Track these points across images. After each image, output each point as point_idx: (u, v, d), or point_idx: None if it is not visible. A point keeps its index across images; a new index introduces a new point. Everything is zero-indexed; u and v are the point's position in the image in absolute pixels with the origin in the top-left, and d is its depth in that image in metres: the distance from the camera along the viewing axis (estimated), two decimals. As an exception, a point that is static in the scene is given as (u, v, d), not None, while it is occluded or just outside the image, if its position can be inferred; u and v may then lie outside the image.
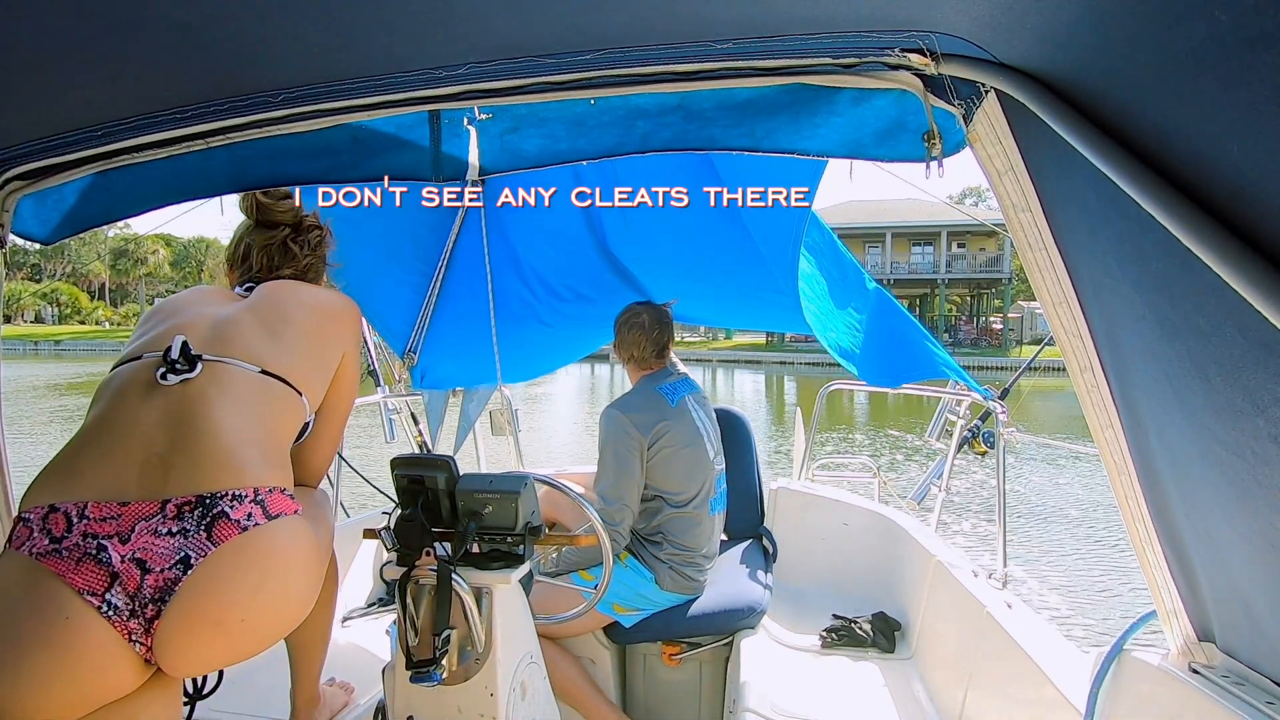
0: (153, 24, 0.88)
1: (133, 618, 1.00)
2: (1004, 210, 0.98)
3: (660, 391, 2.18)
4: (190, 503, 1.04)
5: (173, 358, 1.15)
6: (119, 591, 1.00)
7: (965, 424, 2.75)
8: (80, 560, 0.99)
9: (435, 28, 0.93)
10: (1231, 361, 0.65)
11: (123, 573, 1.00)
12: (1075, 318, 0.96)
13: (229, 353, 1.21)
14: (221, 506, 1.05)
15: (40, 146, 1.25)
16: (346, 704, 1.72)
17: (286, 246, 1.51)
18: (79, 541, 1.00)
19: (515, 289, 2.91)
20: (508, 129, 1.23)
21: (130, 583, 1.00)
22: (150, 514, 1.03)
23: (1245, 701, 0.93)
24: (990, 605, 1.75)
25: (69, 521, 1.01)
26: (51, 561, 0.98)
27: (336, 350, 1.39)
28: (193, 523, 1.04)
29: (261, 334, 1.27)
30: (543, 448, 10.90)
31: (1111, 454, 1.03)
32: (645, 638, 2.17)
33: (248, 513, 1.07)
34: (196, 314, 1.28)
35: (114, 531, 1.01)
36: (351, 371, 1.45)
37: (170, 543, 1.02)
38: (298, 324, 1.33)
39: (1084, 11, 0.65)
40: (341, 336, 1.41)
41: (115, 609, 0.99)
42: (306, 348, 1.32)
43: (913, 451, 10.60)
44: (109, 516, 1.02)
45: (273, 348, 1.26)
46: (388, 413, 2.97)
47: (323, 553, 1.28)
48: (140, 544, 1.01)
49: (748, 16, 0.91)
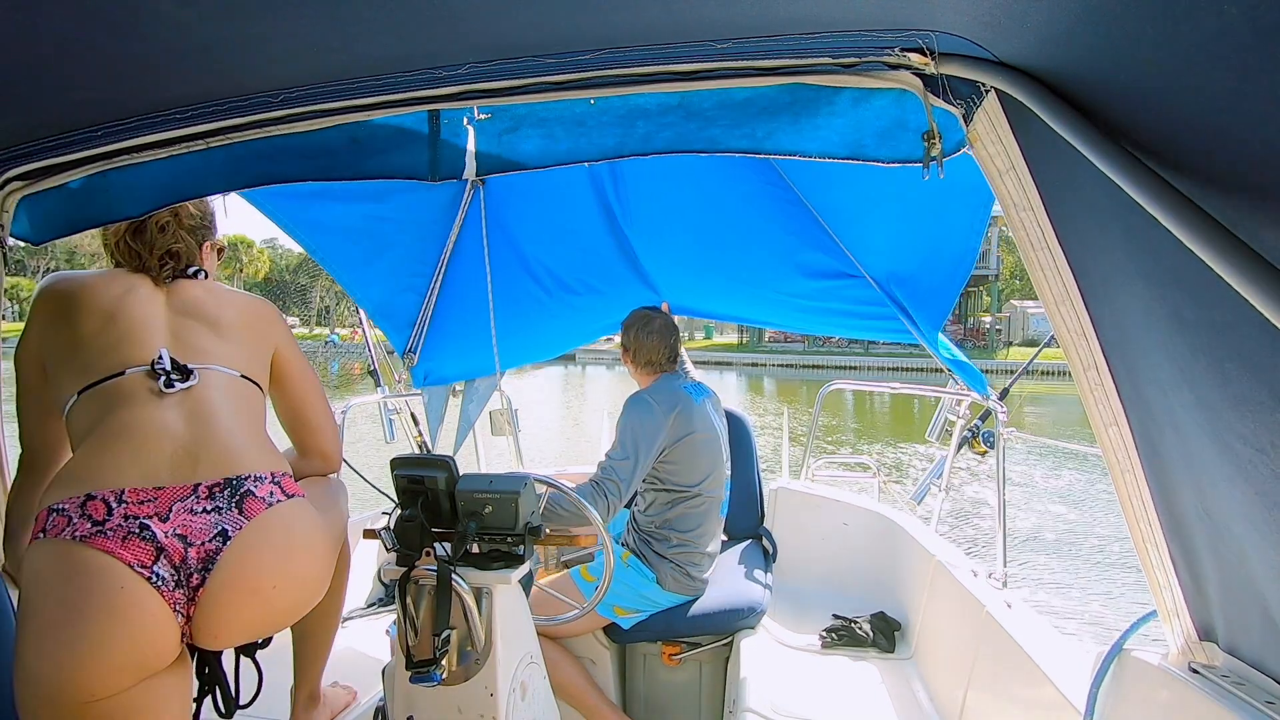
0: (152, 24, 0.88)
1: (178, 588, 1.09)
2: (1005, 210, 0.97)
3: (684, 389, 2.21)
4: (220, 484, 1.15)
5: (166, 369, 1.24)
6: (165, 564, 1.08)
7: (965, 424, 2.75)
8: (126, 537, 1.06)
9: (435, 28, 0.93)
10: (1250, 355, 0.65)
11: (168, 546, 1.09)
12: (1079, 316, 0.96)
13: (206, 360, 1.30)
14: (248, 486, 1.17)
15: (40, 147, 1.25)
16: (348, 703, 1.72)
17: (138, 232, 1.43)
18: (121, 523, 1.07)
19: (524, 285, 2.92)
20: (507, 129, 1.22)
21: (175, 555, 1.09)
22: (184, 495, 1.13)
23: (1245, 701, 0.93)
24: (990, 605, 1.75)
25: (108, 506, 1.08)
26: (98, 541, 1.05)
27: (269, 346, 1.47)
28: (224, 501, 1.15)
29: (216, 338, 1.36)
30: (543, 448, 10.90)
31: (1115, 452, 1.03)
32: (645, 638, 2.17)
33: (270, 491, 1.20)
34: (149, 322, 1.31)
35: (153, 512, 1.10)
36: (297, 359, 1.53)
37: (207, 519, 1.13)
38: (235, 325, 1.41)
39: (1085, 9, 0.65)
40: (271, 333, 1.48)
41: (162, 579, 1.08)
42: (250, 347, 1.42)
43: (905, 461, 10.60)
44: (147, 499, 1.10)
45: (234, 350, 1.36)
46: (388, 413, 2.97)
47: (334, 536, 1.37)
48: (179, 521, 1.11)
49: (747, 16, 0.90)
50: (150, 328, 1.31)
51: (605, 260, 2.88)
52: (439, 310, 2.94)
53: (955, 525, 6.72)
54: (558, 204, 2.65)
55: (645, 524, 2.20)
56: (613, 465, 2.02)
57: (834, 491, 2.95)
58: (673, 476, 2.14)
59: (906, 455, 10.96)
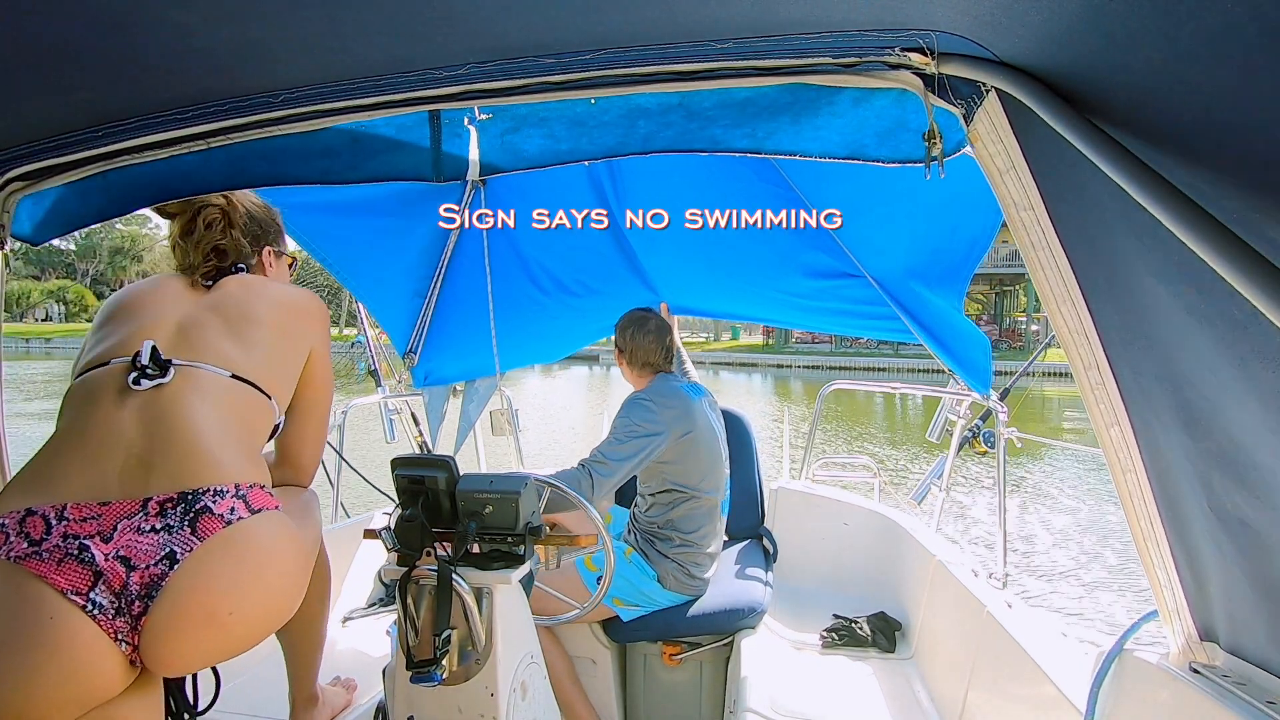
0: (153, 24, 0.88)
1: (118, 615, 0.99)
2: (1005, 209, 0.97)
3: (682, 389, 2.21)
4: (172, 500, 1.04)
5: (143, 363, 1.14)
6: (104, 590, 0.98)
7: (966, 424, 2.75)
8: (61, 561, 0.97)
9: (436, 28, 0.93)
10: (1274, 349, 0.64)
11: (107, 570, 0.99)
12: (1080, 315, 0.96)
13: (198, 357, 1.20)
14: (204, 502, 1.05)
15: (40, 147, 1.25)
16: (348, 703, 1.72)
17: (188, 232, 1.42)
18: (59, 543, 0.98)
19: (523, 287, 2.93)
20: (508, 129, 1.22)
21: (115, 580, 0.99)
22: (132, 512, 1.02)
23: (1246, 701, 0.93)
24: (990, 605, 1.75)
25: (48, 524, 0.99)
26: (32, 564, 0.97)
27: (303, 347, 1.38)
28: (176, 519, 1.03)
29: (228, 336, 1.26)
30: (544, 448, 10.90)
31: (1117, 451, 1.03)
32: (645, 637, 2.17)
33: (230, 507, 1.07)
34: (159, 315, 1.26)
35: (95, 531, 1.00)
36: (323, 369, 1.43)
37: (154, 540, 1.01)
38: (264, 323, 1.32)
39: (1085, 9, 0.65)
40: (308, 333, 1.39)
41: (100, 607, 0.98)
42: (273, 348, 1.31)
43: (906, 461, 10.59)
44: (89, 517, 1.01)
45: (240, 350, 1.25)
46: (388, 413, 2.97)
47: (308, 550, 1.26)
48: (124, 541, 1.00)
49: (747, 16, 0.90)
50: (159, 321, 1.24)
51: (604, 261, 2.88)
52: (439, 311, 2.94)
53: (955, 524, 6.72)
54: (557, 205, 2.65)
55: (647, 524, 2.20)
56: (602, 451, 2.01)
57: (834, 491, 2.96)
58: (673, 476, 2.14)
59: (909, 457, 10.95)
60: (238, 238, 1.44)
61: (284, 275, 1.58)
